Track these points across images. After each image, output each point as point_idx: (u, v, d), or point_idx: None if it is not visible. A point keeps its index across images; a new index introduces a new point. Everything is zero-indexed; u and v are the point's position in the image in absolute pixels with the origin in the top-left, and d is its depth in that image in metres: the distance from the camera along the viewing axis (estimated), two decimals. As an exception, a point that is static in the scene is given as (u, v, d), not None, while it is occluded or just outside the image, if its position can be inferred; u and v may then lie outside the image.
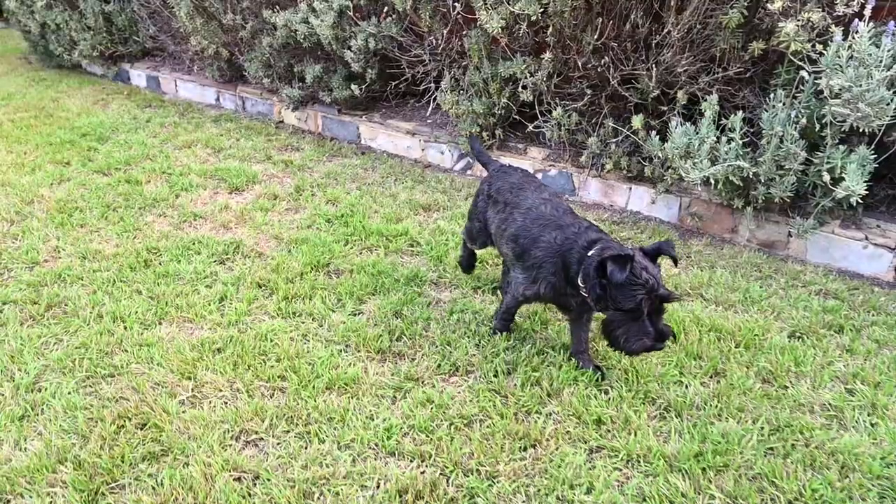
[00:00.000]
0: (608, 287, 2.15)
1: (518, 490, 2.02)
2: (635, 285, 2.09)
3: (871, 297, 3.10)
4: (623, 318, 2.16)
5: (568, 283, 2.37)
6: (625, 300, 2.12)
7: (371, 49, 5.00)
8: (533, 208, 2.56)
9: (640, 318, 2.13)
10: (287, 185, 4.56)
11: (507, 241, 2.60)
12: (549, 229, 2.46)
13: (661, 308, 2.17)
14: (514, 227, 2.56)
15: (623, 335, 2.17)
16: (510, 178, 2.80)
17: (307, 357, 2.65)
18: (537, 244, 2.45)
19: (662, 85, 3.78)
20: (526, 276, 2.51)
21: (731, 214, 3.82)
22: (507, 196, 2.69)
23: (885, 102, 2.89)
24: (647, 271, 2.11)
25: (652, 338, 2.14)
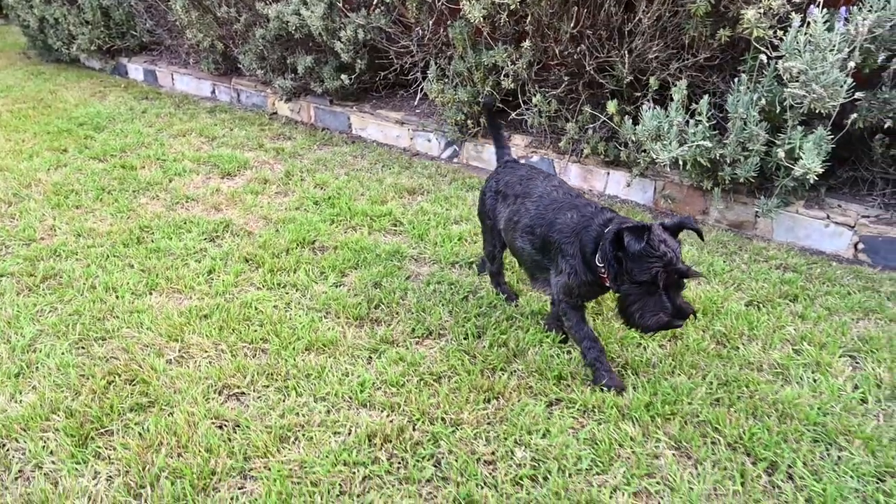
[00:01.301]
0: (624, 260, 2.06)
1: (479, 435, 2.17)
2: (652, 257, 1.99)
3: (827, 270, 3.26)
4: (639, 293, 2.06)
5: (587, 266, 2.26)
6: (640, 272, 2.01)
7: (360, 40, 5.16)
8: (545, 195, 2.50)
9: (657, 292, 2.03)
10: (277, 170, 4.72)
11: (521, 234, 2.49)
12: (565, 211, 2.38)
13: (680, 284, 2.07)
14: (528, 217, 2.47)
15: (638, 310, 2.07)
16: (518, 171, 2.73)
17: (289, 322, 2.80)
18: (554, 227, 2.37)
19: (636, 71, 3.93)
20: (553, 267, 2.41)
21: (701, 196, 3.97)
22: (517, 188, 2.62)
23: (838, 84, 3.04)
24: (665, 244, 2.02)
25: (669, 314, 2.03)
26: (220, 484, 1.98)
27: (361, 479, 2.00)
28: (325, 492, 1.94)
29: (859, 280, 3.18)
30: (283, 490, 1.92)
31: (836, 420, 2.21)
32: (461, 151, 5.10)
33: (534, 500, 1.91)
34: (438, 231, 3.66)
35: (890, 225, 3.43)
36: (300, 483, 1.97)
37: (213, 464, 2.03)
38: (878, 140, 3.45)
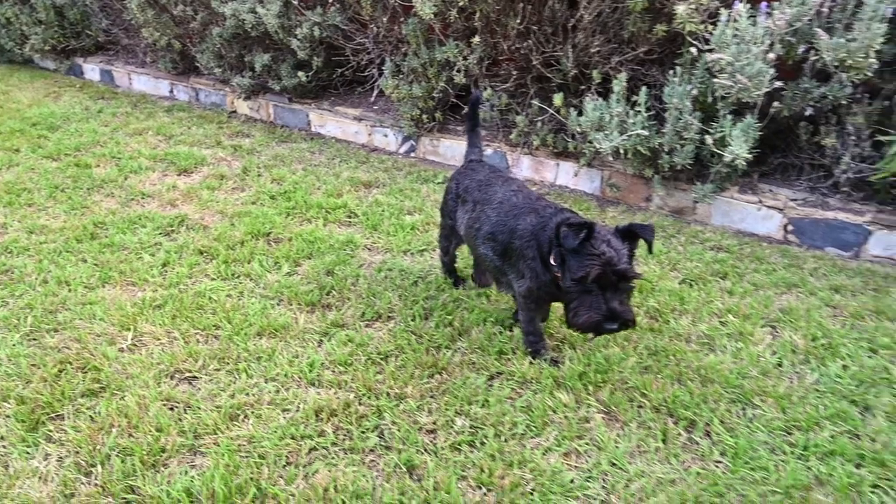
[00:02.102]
0: (567, 257, 2.07)
1: (422, 407, 2.28)
2: (591, 255, 2.00)
3: (757, 250, 3.46)
4: (577, 290, 2.05)
5: (545, 266, 2.26)
6: (577, 269, 2.02)
7: (316, 38, 5.23)
8: (505, 200, 2.48)
9: (594, 292, 2.02)
10: (235, 167, 4.76)
11: (483, 242, 2.49)
12: (524, 216, 2.37)
13: (619, 286, 2.04)
14: (489, 224, 2.46)
15: (574, 308, 2.06)
16: (477, 174, 2.71)
17: (242, 310, 2.87)
18: (515, 234, 2.36)
19: (580, 65, 4.09)
20: (514, 272, 2.41)
21: (644, 184, 4.15)
22: (476, 194, 2.60)
23: (761, 74, 3.24)
24: (608, 245, 2.02)
25: (602, 314, 2.01)
26: (170, 460, 2.06)
27: (308, 451, 2.09)
28: (272, 463, 2.03)
29: (785, 258, 3.39)
30: (231, 463, 2.00)
31: (753, 382, 2.38)
32: (418, 146, 5.21)
33: (470, 462, 2.03)
34: (392, 221, 3.77)
35: (815, 207, 3.65)
36: (248, 456, 2.05)
37: (164, 442, 2.11)
38: (803, 128, 3.67)
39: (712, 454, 2.08)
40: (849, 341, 2.64)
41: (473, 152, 2.94)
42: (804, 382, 2.42)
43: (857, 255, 3.55)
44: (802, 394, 2.34)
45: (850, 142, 3.48)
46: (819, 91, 3.38)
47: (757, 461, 2.04)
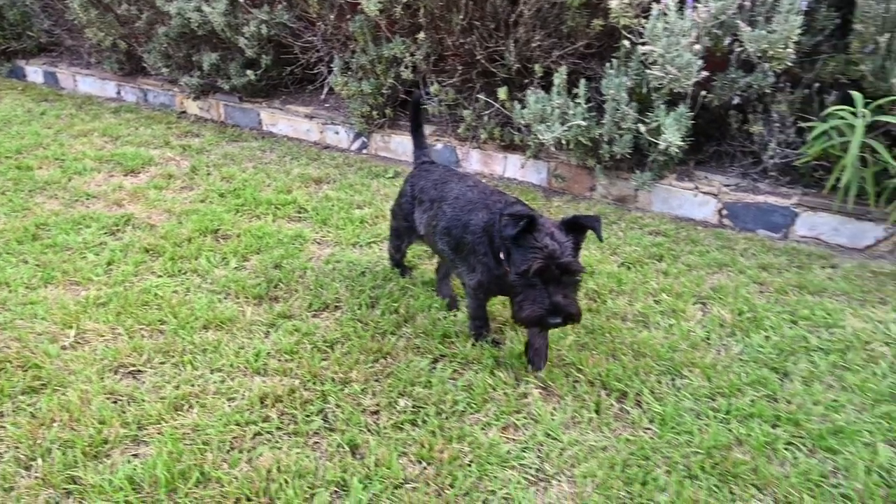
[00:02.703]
0: (512, 250, 2.08)
1: (366, 390, 2.34)
2: (534, 248, 2.01)
3: (693, 233, 3.63)
4: (522, 284, 2.07)
5: (496, 260, 2.28)
6: (521, 263, 2.04)
7: (264, 36, 5.22)
8: (460, 196, 2.50)
9: (537, 285, 2.03)
10: (184, 166, 4.73)
11: (440, 237, 2.51)
12: (477, 211, 2.39)
13: (564, 279, 2.05)
14: (445, 220, 2.48)
15: (519, 302, 2.08)
16: (432, 175, 2.73)
17: (188, 305, 2.88)
18: (467, 229, 2.38)
19: (523, 60, 4.20)
20: (466, 266, 2.43)
21: (588, 174, 4.29)
22: (432, 193, 2.63)
23: (690, 65, 3.40)
24: (551, 237, 2.02)
25: (545, 308, 2.02)
26: (113, 451, 2.06)
27: (252, 436, 2.13)
28: (215, 449, 2.06)
29: (719, 240, 3.56)
30: (174, 450, 2.03)
31: (683, 355, 2.51)
32: (370, 143, 5.26)
33: (412, 439, 2.10)
34: (341, 215, 3.81)
35: (746, 192, 3.83)
36: (192, 443, 2.08)
37: (107, 433, 2.11)
38: (733, 116, 3.85)
39: (642, 422, 2.19)
40: (772, 314, 2.80)
41: (422, 153, 2.95)
42: (730, 353, 2.56)
43: (785, 235, 3.74)
44: (727, 363, 2.48)
45: (775, 129, 3.67)
46: (745, 80, 3.56)
47: (682, 426, 2.16)
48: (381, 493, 1.90)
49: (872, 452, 2.06)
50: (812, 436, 2.12)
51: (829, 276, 3.20)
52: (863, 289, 3.06)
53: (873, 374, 2.43)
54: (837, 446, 2.08)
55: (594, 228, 2.12)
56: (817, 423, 2.17)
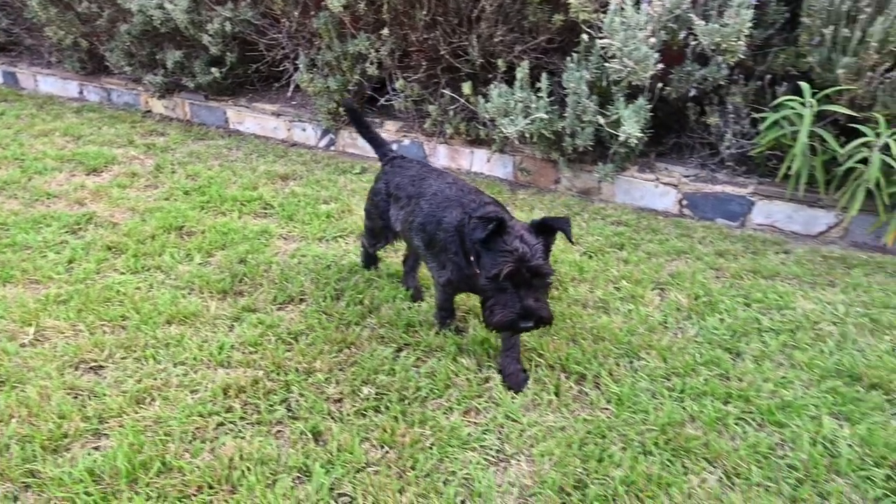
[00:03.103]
0: (481, 253, 2.07)
1: (330, 379, 2.36)
2: (504, 252, 1.99)
3: (653, 223, 3.72)
4: (492, 288, 2.05)
5: (467, 261, 2.26)
6: (491, 266, 2.02)
7: (229, 33, 5.19)
8: (438, 193, 2.47)
9: (508, 289, 2.02)
10: (148, 165, 4.68)
11: (416, 233, 2.49)
12: (451, 209, 2.36)
13: (534, 283, 2.03)
14: (421, 216, 2.46)
15: (490, 307, 2.07)
16: (408, 171, 2.68)
17: (151, 301, 2.86)
18: (440, 226, 2.36)
19: (486, 55, 4.26)
20: (436, 263, 2.43)
21: (553, 167, 4.36)
22: (410, 189, 2.58)
23: (647, 58, 3.48)
24: (521, 240, 2.01)
25: (516, 312, 2.00)
26: (73, 444, 2.05)
27: (215, 427, 2.13)
28: (177, 439, 2.06)
29: (678, 229, 3.65)
30: (135, 442, 2.02)
31: (641, 338, 2.59)
32: (337, 139, 5.26)
33: (374, 425, 2.13)
34: (307, 211, 3.82)
35: (705, 182, 3.94)
36: (154, 435, 2.08)
37: (67, 428, 2.10)
38: (691, 109, 3.96)
39: (600, 402, 2.25)
40: (727, 298, 2.90)
41: (385, 150, 2.90)
42: (686, 335, 2.64)
43: (743, 224, 3.86)
44: (683, 345, 2.56)
45: (730, 120, 3.78)
46: (700, 73, 3.66)
47: (638, 405, 2.23)
48: (343, 477, 1.92)
49: (818, 425, 2.15)
50: (761, 411, 2.21)
51: (782, 261, 3.31)
52: (813, 272, 3.17)
53: (821, 351, 2.53)
54: (785, 420, 2.17)
55: (564, 230, 2.11)
56: (766, 399, 2.26)
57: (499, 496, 1.88)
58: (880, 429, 2.12)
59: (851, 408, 2.22)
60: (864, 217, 3.48)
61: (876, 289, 3.00)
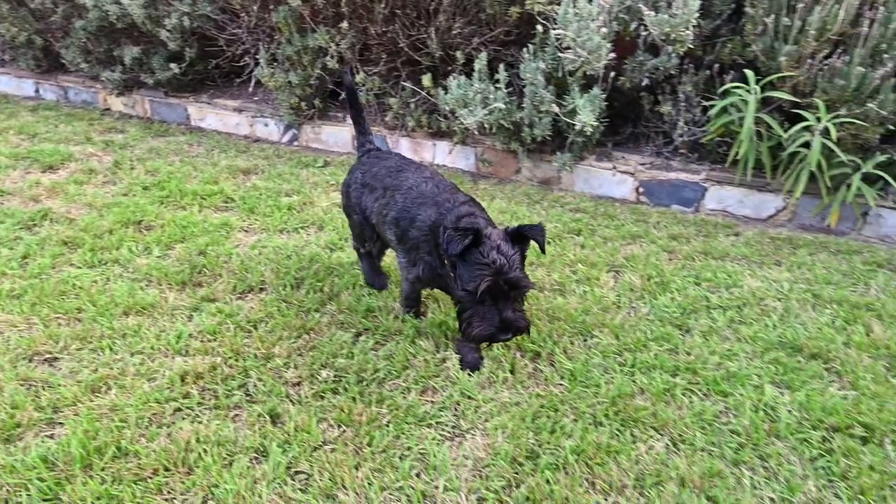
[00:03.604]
0: (457, 265, 2.02)
1: (289, 364, 2.38)
2: (481, 264, 1.94)
3: (610, 209, 3.81)
4: (470, 301, 2.02)
5: (441, 262, 2.21)
6: (469, 280, 1.98)
7: (187, 28, 5.14)
8: (414, 187, 2.40)
9: (486, 301, 1.99)
10: (106, 161, 4.61)
11: (389, 227, 2.43)
12: (426, 207, 2.29)
13: (511, 294, 2.01)
14: (396, 209, 2.39)
15: (467, 319, 2.04)
16: (386, 161, 2.62)
17: (108, 293, 2.84)
18: (414, 224, 2.30)
19: (445, 47, 4.31)
20: (407, 259, 2.39)
21: (514, 158, 4.43)
22: (387, 180, 2.50)
23: (600, 48, 3.57)
24: (498, 251, 1.96)
25: (495, 325, 1.98)
26: (26, 433, 2.03)
27: (172, 412, 2.14)
28: (133, 425, 2.06)
29: (634, 215, 3.75)
30: (90, 428, 2.02)
31: (594, 317, 2.66)
32: (300, 134, 5.26)
33: (332, 406, 2.16)
34: (269, 203, 3.82)
35: (660, 170, 4.05)
36: (109, 422, 2.07)
37: (20, 418, 2.08)
38: (646, 98, 4.06)
39: (553, 378, 2.32)
40: (678, 278, 2.99)
41: (367, 140, 2.82)
42: (638, 314, 2.73)
43: (697, 209, 3.98)
44: (635, 323, 2.64)
45: (682, 108, 3.89)
46: (652, 63, 3.77)
47: (591, 380, 2.30)
48: (300, 456, 1.94)
49: (760, 393, 2.24)
50: (707, 382, 2.29)
51: (732, 243, 3.42)
52: (761, 253, 3.29)
53: (765, 325, 2.64)
54: (729, 389, 2.26)
55: (538, 240, 2.10)
56: (712, 371, 2.35)
57: (453, 469, 1.92)
58: (818, 395, 2.22)
59: (792, 376, 2.33)
60: (810, 200, 3.62)
61: (819, 267, 3.14)
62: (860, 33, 3.13)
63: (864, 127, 3.22)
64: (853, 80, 3.15)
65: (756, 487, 1.87)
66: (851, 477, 1.90)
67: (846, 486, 1.87)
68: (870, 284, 2.98)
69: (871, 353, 2.46)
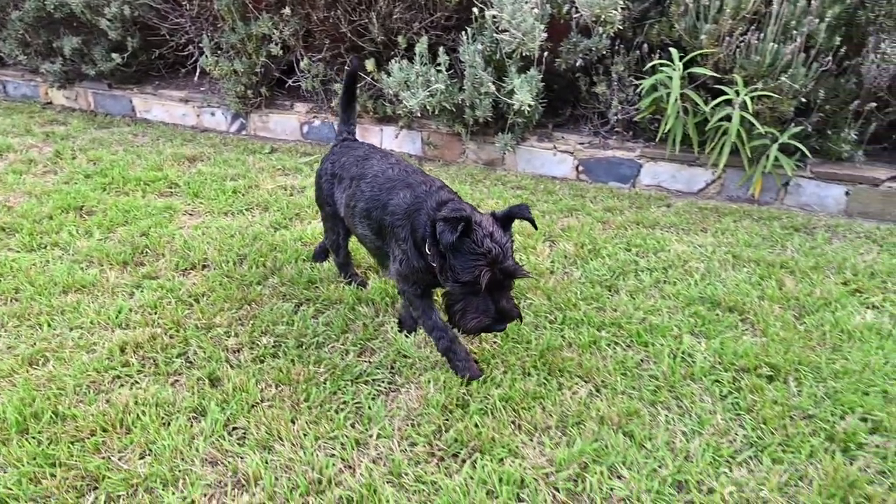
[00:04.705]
0: (447, 255, 1.89)
1: (229, 332, 2.43)
2: (476, 254, 1.84)
3: (550, 185, 3.96)
4: (462, 292, 1.91)
5: (418, 251, 2.07)
6: (463, 272, 1.86)
7: (128, 17, 5.09)
8: (380, 174, 2.28)
9: (481, 292, 1.88)
10: (46, 151, 4.54)
11: (360, 220, 2.29)
12: (397, 191, 2.17)
13: (505, 284, 1.93)
14: (364, 200, 2.26)
15: (461, 311, 1.93)
16: (355, 151, 2.51)
17: (47, 274, 2.83)
18: (387, 210, 2.16)
19: (387, 32, 4.38)
20: (391, 253, 2.22)
21: (459, 141, 4.53)
22: (353, 170, 2.39)
23: (534, 29, 3.70)
24: (491, 238, 1.87)
25: (491, 317, 1.90)
26: (-40, 406, 2.04)
27: (111, 380, 2.17)
28: (71, 392, 2.08)
29: (573, 191, 3.90)
30: (26, 396, 2.03)
31: (529, 282, 2.78)
32: (248, 123, 5.26)
33: (271, 368, 2.22)
34: (214, 187, 3.83)
35: (598, 149, 4.21)
36: (47, 390, 2.09)
37: (-47, 391, 2.08)
38: (582, 80, 4.22)
39: (487, 337, 2.42)
40: (610, 245, 3.14)
41: (346, 129, 2.70)
42: (570, 278, 2.86)
43: (633, 185, 4.15)
44: (567, 285, 2.77)
45: (616, 88, 4.06)
46: (584, 44, 3.92)
47: (522, 336, 2.41)
48: (238, 413, 2.00)
49: (678, 342, 2.39)
50: (631, 334, 2.44)
51: (663, 213, 3.60)
52: (689, 221, 3.47)
53: (688, 284, 2.80)
54: (651, 340, 2.40)
55: (528, 219, 2.04)
56: (636, 325, 2.49)
57: (387, 418, 2.01)
58: (731, 342, 2.38)
59: (709, 327, 2.49)
60: (737, 173, 3.83)
61: (741, 232, 3.33)
62: (772, 11, 3.34)
63: (780, 100, 3.43)
64: (767, 56, 3.35)
65: (670, 423, 2.01)
66: (756, 410, 2.06)
67: (751, 418, 2.03)
68: (786, 246, 3.18)
69: (783, 304, 2.64)
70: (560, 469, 1.82)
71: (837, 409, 2.05)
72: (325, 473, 1.78)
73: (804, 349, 2.34)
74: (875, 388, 2.13)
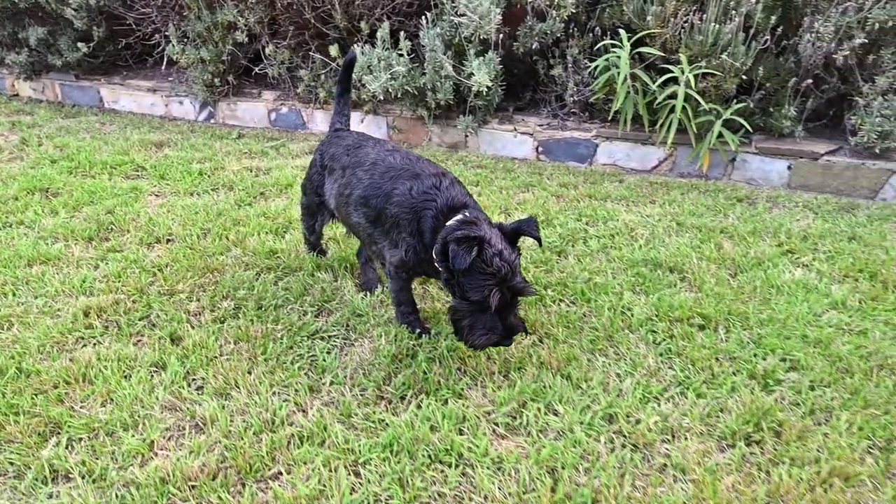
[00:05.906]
0: (456, 273, 1.89)
1: (191, 297, 2.52)
2: (485, 274, 1.85)
3: (509, 164, 4.10)
4: (470, 309, 1.93)
5: (424, 248, 2.07)
6: (472, 290, 1.87)
7: (94, 6, 5.13)
8: (379, 161, 2.22)
9: (489, 310, 1.89)
10: (12, 139, 4.57)
11: (355, 208, 2.23)
12: (402, 180, 2.11)
13: (514, 301, 1.94)
14: (361, 188, 2.21)
15: (468, 327, 1.94)
16: (344, 140, 2.47)
17: (12, 248, 2.89)
18: (391, 200, 2.11)
19: (351, 19, 4.49)
20: (387, 241, 2.18)
21: (423, 125, 4.66)
22: (344, 160, 2.35)
23: (490, 13, 3.84)
24: (500, 257, 1.86)
25: (499, 333, 1.91)
26: (-75, 366, 2.11)
27: (75, 341, 2.25)
28: (35, 352, 2.16)
29: (531, 169, 4.05)
30: (-10, 356, 2.11)
31: (482, 248, 2.91)
32: (216, 111, 5.32)
33: (231, 328, 2.32)
34: (180, 170, 3.91)
35: (556, 130, 4.36)
36: (10, 350, 2.17)
37: (-82, 354, 2.15)
38: (540, 63, 4.37)
39: (440, 297, 2.55)
40: (563, 216, 3.29)
41: (339, 120, 2.67)
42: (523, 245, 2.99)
43: (590, 164, 4.31)
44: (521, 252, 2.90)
45: (571, 71, 4.21)
46: (540, 27, 4.07)
47: (473, 296, 2.54)
48: (197, 366, 2.10)
49: (619, 298, 2.54)
50: (575, 292, 2.58)
51: (615, 188, 3.76)
52: (639, 194, 3.64)
53: (632, 248, 2.96)
54: (593, 297, 2.55)
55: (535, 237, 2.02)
56: (581, 284, 2.63)
57: (340, 368, 2.13)
58: (668, 297, 2.54)
59: (649, 285, 2.64)
60: (687, 150, 4.00)
61: (687, 203, 3.50)
62: (713, -7, 3.51)
63: (723, 77, 3.61)
64: (710, 36, 3.53)
65: (606, 367, 2.16)
66: (685, 353, 2.21)
67: (680, 360, 2.18)
68: (728, 214, 3.36)
69: (719, 264, 2.81)
70: (500, 406, 1.96)
71: (760, 352, 2.21)
72: (279, 414, 1.89)
73: (735, 301, 2.50)
74: (796, 333, 2.30)
